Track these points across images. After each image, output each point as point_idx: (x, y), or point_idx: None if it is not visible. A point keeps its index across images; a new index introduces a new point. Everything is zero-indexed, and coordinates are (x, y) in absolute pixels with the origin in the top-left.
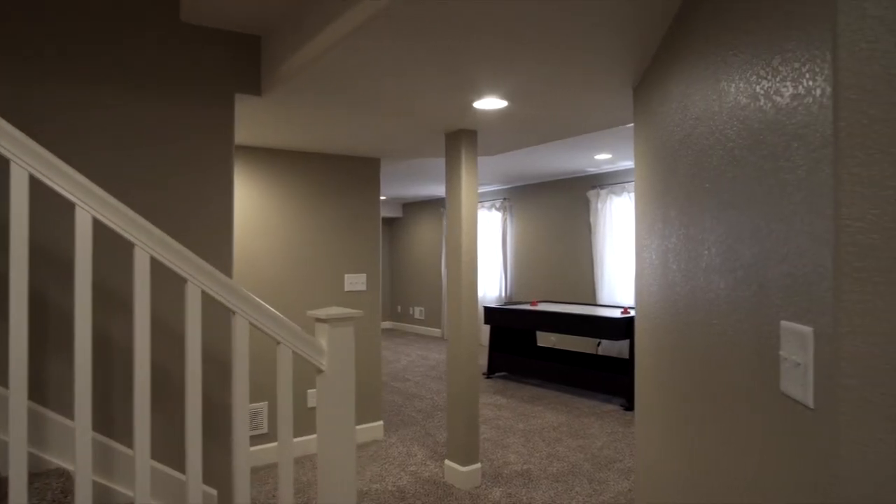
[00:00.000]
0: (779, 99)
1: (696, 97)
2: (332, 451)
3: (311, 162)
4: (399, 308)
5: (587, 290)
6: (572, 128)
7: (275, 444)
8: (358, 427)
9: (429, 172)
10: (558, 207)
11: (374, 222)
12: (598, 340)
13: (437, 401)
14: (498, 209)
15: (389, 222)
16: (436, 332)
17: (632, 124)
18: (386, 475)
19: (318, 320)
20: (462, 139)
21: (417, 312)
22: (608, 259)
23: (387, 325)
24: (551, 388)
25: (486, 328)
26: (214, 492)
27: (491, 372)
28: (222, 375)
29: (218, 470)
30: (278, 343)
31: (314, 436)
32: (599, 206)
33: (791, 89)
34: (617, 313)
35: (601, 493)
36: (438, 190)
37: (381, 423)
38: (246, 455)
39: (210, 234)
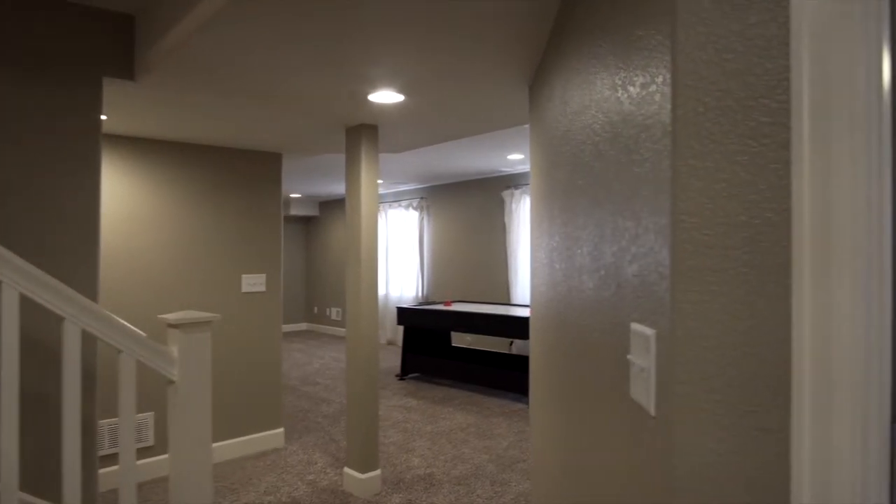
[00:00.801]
0: (632, 89)
1: (573, 92)
2: (184, 469)
3: (203, 155)
4: (315, 309)
5: (501, 289)
6: (474, 126)
7: (162, 456)
8: (256, 435)
9: (344, 170)
10: (474, 207)
11: (276, 220)
12: (510, 340)
13: (346, 405)
14: (415, 208)
15: (305, 221)
16: None
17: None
18: (281, 486)
19: (170, 325)
20: (362, 134)
21: (334, 313)
22: (521, 259)
23: (303, 326)
24: (463, 388)
25: (402, 329)
26: None
27: (404, 373)
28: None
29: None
30: (120, 352)
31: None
32: (514, 206)
33: (641, 78)
34: (527, 312)
35: (502, 494)
36: None
37: (281, 430)
38: (75, 470)
39: (70, 232)
